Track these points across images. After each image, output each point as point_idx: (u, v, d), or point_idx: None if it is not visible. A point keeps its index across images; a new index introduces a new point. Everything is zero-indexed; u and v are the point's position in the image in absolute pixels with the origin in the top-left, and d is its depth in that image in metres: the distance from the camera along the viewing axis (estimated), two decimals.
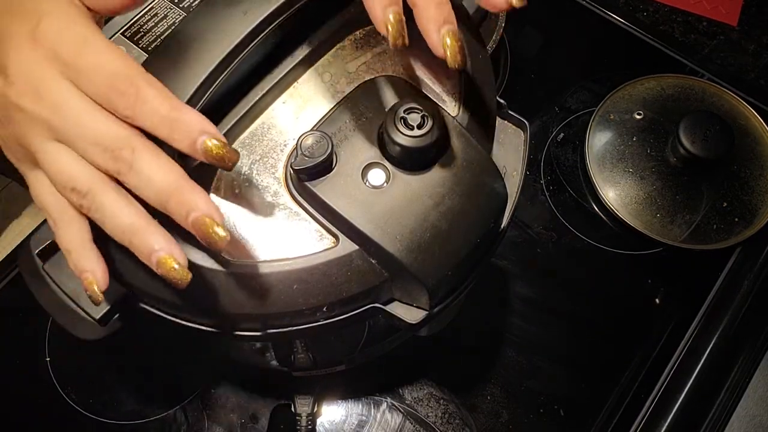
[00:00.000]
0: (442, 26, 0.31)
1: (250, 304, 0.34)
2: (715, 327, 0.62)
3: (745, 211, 0.66)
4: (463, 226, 0.35)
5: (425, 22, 0.31)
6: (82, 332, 0.36)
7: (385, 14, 0.31)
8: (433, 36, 0.31)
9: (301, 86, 0.40)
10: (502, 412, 0.59)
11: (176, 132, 0.29)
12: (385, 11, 0.31)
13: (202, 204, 0.29)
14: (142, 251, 0.30)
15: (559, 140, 0.73)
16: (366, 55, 0.41)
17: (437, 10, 0.31)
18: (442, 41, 0.31)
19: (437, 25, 0.31)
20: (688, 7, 0.83)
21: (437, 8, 0.31)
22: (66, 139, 0.29)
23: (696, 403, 0.59)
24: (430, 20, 0.31)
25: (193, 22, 0.34)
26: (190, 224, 0.29)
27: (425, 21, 0.31)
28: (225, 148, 0.30)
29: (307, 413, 0.57)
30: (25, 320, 0.63)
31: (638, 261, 0.67)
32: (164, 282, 0.34)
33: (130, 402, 0.59)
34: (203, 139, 0.29)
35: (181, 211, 0.29)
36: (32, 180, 0.32)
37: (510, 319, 0.64)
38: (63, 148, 0.30)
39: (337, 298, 0.35)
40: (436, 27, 0.31)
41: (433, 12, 0.31)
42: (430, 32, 0.31)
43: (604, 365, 0.62)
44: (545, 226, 0.68)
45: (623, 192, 0.68)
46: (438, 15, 0.31)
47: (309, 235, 0.35)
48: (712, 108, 0.71)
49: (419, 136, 0.33)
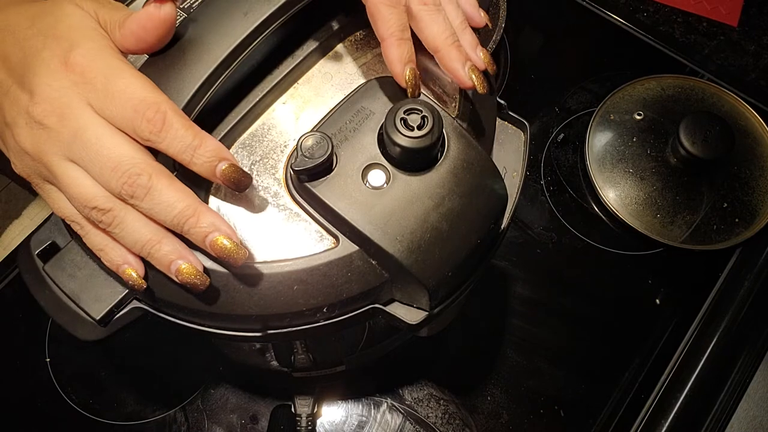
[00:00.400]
0: (465, 64, 0.37)
1: (251, 305, 0.34)
2: (716, 327, 0.62)
3: (745, 211, 0.66)
4: (463, 226, 0.35)
5: (450, 63, 0.37)
6: (82, 333, 0.36)
7: (403, 71, 0.36)
8: (461, 73, 0.37)
9: (301, 87, 0.40)
10: (502, 413, 0.59)
11: (198, 158, 0.32)
12: (404, 68, 0.36)
13: (221, 225, 0.32)
14: (163, 262, 0.32)
15: (559, 141, 0.73)
16: (366, 56, 0.41)
17: (458, 52, 0.37)
18: (469, 75, 0.37)
19: (461, 64, 0.37)
20: (688, 7, 0.83)
21: (458, 50, 0.37)
22: (84, 164, 0.31)
23: (696, 404, 0.59)
24: (453, 61, 0.37)
25: (194, 23, 0.34)
26: (208, 245, 0.32)
27: (450, 62, 0.37)
28: (241, 172, 0.33)
29: (307, 414, 0.57)
30: (25, 320, 0.63)
31: (638, 261, 0.67)
32: (164, 282, 0.34)
33: (130, 402, 0.59)
34: (223, 166, 0.32)
35: (199, 234, 0.32)
36: (49, 193, 0.33)
37: (510, 320, 0.64)
38: (81, 170, 0.31)
39: (338, 298, 0.35)
40: (461, 65, 0.37)
41: (455, 54, 0.37)
42: (457, 71, 0.37)
43: (605, 366, 0.62)
44: (545, 226, 0.68)
45: (623, 192, 0.68)
46: (459, 55, 0.37)
47: (309, 235, 0.35)
48: (713, 108, 0.71)
49: (419, 137, 0.33)
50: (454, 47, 0.37)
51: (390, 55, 0.36)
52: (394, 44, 0.36)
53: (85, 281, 0.35)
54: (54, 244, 0.38)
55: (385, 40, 0.36)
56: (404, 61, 0.36)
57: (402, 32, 0.36)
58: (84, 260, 0.36)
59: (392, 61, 0.36)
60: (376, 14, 0.36)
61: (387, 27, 0.36)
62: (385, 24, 0.36)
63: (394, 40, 0.36)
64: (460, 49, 0.37)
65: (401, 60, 0.36)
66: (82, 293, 0.35)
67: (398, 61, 0.36)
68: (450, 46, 0.37)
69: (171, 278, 0.32)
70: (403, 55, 0.36)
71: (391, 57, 0.36)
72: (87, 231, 0.33)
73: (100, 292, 0.35)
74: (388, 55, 0.36)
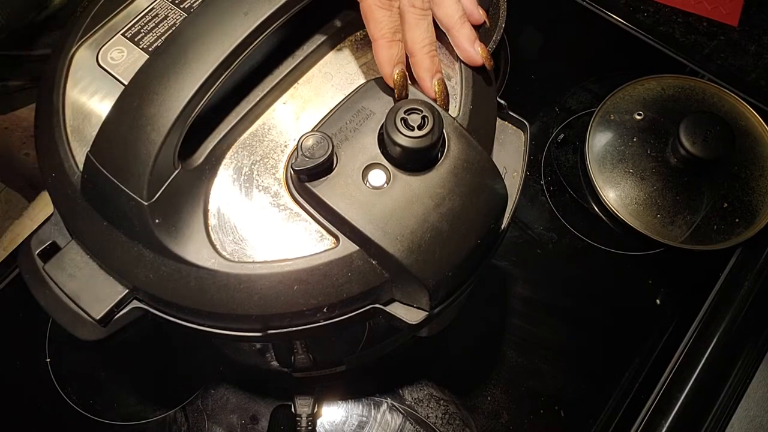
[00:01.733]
0: (433, 75, 0.38)
1: (251, 305, 0.34)
2: (716, 328, 0.62)
3: (745, 211, 0.66)
4: (463, 226, 0.35)
5: (420, 71, 0.38)
6: (82, 333, 0.36)
7: (392, 72, 0.37)
8: (426, 83, 0.38)
9: (301, 87, 0.40)
10: (502, 413, 0.59)
11: None
12: (392, 69, 0.37)
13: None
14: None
15: (559, 141, 0.73)
16: (366, 56, 0.41)
17: (430, 62, 0.38)
18: (433, 88, 0.38)
19: (429, 74, 0.38)
20: (688, 7, 0.83)
21: (431, 60, 0.38)
22: None
23: (696, 404, 0.59)
24: (423, 70, 0.38)
25: (194, 22, 0.34)
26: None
27: (420, 70, 0.38)
28: None
29: (308, 414, 0.57)
30: (25, 320, 0.63)
31: (639, 262, 0.67)
32: (165, 282, 0.34)
33: (130, 403, 0.59)
34: None
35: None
36: None
37: (510, 320, 0.64)
38: None
39: (338, 298, 0.35)
40: (429, 76, 0.38)
41: (427, 63, 0.38)
42: (423, 80, 0.38)
43: (605, 366, 0.62)
44: (545, 226, 0.68)
45: (623, 193, 0.68)
46: (430, 66, 0.38)
47: (309, 235, 0.35)
48: (713, 108, 0.71)
49: (420, 137, 0.33)
50: (428, 56, 0.38)
51: (380, 56, 0.37)
52: (385, 45, 0.37)
53: (85, 281, 0.35)
54: (54, 244, 0.38)
55: (376, 41, 0.37)
56: (393, 62, 0.37)
57: (393, 34, 0.37)
58: (84, 260, 0.36)
59: (381, 62, 0.37)
60: (368, 15, 0.37)
61: (378, 28, 0.36)
62: (377, 25, 0.36)
63: (385, 41, 0.37)
64: (434, 60, 0.38)
65: (390, 61, 0.37)
66: (82, 293, 0.35)
67: (387, 62, 0.37)
68: (425, 54, 0.38)
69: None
70: (392, 56, 0.37)
71: (381, 58, 0.37)
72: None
73: (100, 292, 0.35)
74: (378, 56, 0.37)
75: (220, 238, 0.35)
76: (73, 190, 0.36)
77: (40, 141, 0.39)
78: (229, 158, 0.37)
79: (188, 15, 0.37)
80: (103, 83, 0.39)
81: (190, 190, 0.35)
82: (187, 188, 0.35)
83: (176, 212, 0.34)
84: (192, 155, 0.37)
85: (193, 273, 0.34)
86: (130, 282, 0.35)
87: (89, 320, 0.35)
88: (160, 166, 0.33)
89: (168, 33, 0.40)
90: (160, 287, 0.35)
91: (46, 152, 0.38)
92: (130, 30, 0.40)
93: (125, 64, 0.39)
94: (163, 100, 0.32)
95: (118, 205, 0.34)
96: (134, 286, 0.35)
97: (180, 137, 0.33)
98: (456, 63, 0.40)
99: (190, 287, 0.34)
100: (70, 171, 0.36)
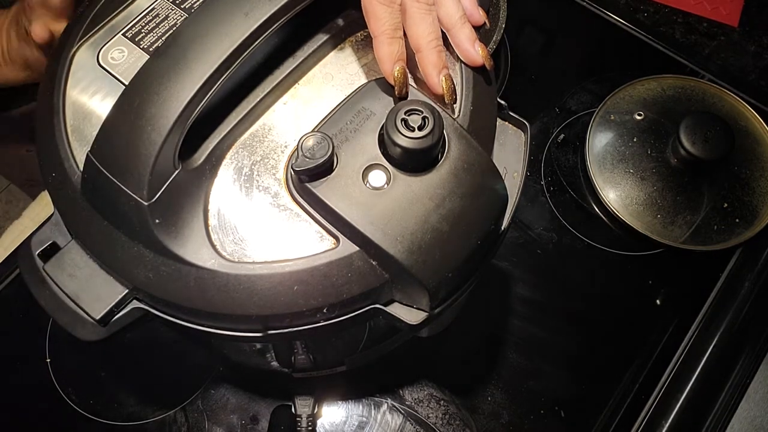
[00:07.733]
0: (441, 71, 0.38)
1: (251, 305, 0.34)
2: (716, 328, 0.62)
3: (745, 211, 0.66)
4: (463, 227, 0.35)
5: (427, 66, 0.38)
6: (82, 333, 0.36)
7: (392, 69, 0.37)
8: (434, 78, 0.38)
9: (302, 87, 0.40)
10: (502, 413, 0.59)
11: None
12: (393, 66, 0.37)
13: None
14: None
15: (559, 141, 0.73)
16: (367, 57, 0.41)
17: (437, 57, 0.38)
18: (440, 83, 0.38)
19: (437, 70, 0.38)
20: (688, 7, 0.83)
21: (438, 56, 0.38)
22: None
23: (697, 405, 0.59)
24: (430, 65, 0.38)
25: (195, 23, 0.34)
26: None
27: (427, 65, 0.38)
28: None
29: (308, 414, 0.57)
30: (25, 320, 0.63)
31: (639, 262, 0.67)
32: (165, 282, 0.34)
33: (130, 403, 0.59)
34: None
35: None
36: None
37: (510, 320, 0.64)
38: None
39: (338, 299, 0.35)
40: (437, 71, 0.38)
41: (434, 58, 0.37)
42: (431, 76, 0.38)
43: (605, 366, 0.62)
44: (546, 227, 0.68)
45: (624, 193, 0.68)
46: (438, 61, 0.38)
47: (309, 236, 0.35)
48: (713, 109, 0.71)
49: (420, 138, 0.33)
50: (435, 51, 0.38)
51: (380, 53, 0.37)
52: (385, 42, 0.37)
53: (85, 281, 0.35)
54: (54, 244, 0.38)
55: (377, 37, 0.37)
56: (394, 59, 0.37)
57: (394, 31, 0.37)
58: (84, 260, 0.36)
59: (382, 58, 0.37)
60: (370, 12, 0.37)
61: (379, 25, 0.36)
62: (377, 22, 0.36)
63: (386, 38, 0.37)
64: (441, 55, 0.38)
65: (391, 58, 0.37)
66: (82, 293, 0.35)
67: (388, 59, 0.37)
68: (432, 49, 0.37)
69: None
70: (393, 53, 0.37)
71: (381, 54, 0.37)
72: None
73: (100, 292, 0.35)
74: (379, 53, 0.37)
75: (220, 238, 0.35)
76: (73, 190, 0.36)
77: (41, 141, 0.39)
78: (229, 158, 0.37)
79: (189, 15, 0.37)
80: (104, 83, 0.39)
81: (190, 190, 0.35)
82: (188, 188, 0.35)
83: (176, 212, 0.34)
84: (192, 155, 0.37)
85: (193, 273, 0.34)
86: (130, 282, 0.35)
87: (89, 320, 0.35)
88: (161, 166, 0.33)
89: (168, 33, 0.40)
90: (160, 287, 0.35)
91: (46, 152, 0.38)
92: (131, 30, 0.40)
93: (126, 64, 0.39)
94: (163, 101, 0.32)
95: (119, 205, 0.34)
96: (134, 286, 0.35)
97: (180, 137, 0.33)
98: (456, 63, 0.40)
99: (190, 287, 0.34)
100: (71, 171, 0.36)
